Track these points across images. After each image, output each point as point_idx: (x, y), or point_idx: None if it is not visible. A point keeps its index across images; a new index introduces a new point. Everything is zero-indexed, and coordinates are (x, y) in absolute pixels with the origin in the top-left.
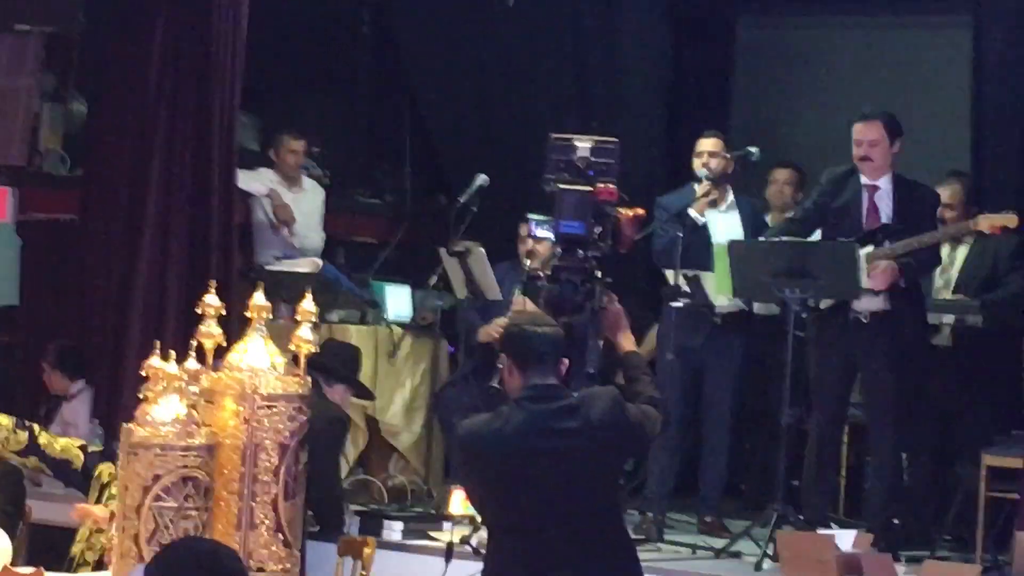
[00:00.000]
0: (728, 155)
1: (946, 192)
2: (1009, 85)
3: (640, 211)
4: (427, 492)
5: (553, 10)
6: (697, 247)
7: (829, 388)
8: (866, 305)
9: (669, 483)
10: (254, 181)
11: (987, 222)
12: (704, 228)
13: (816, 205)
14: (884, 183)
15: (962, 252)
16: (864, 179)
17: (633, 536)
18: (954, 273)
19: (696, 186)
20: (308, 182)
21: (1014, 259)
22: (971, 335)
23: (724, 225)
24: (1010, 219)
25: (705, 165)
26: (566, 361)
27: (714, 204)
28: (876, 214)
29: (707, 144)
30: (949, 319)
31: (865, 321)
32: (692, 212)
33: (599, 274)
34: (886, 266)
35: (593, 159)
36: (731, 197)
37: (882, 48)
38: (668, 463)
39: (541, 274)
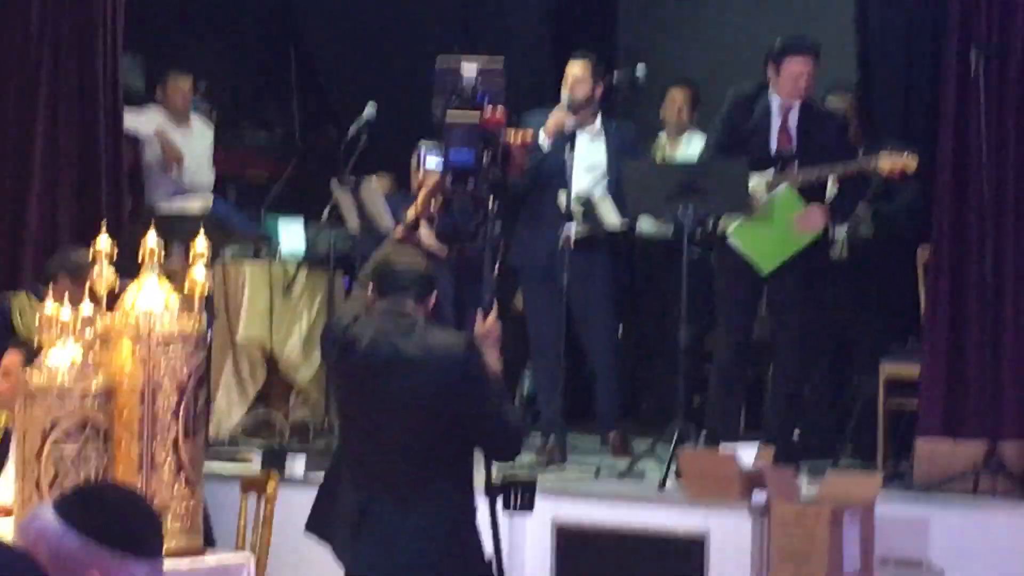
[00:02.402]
0: (596, 79)
1: (840, 105)
2: None
3: (529, 134)
4: (328, 426)
5: None
6: (550, 171)
7: (738, 310)
8: None
9: (557, 403)
10: (141, 120)
11: (888, 163)
12: (550, 154)
13: (728, 130)
14: (795, 106)
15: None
16: (776, 101)
17: (536, 458)
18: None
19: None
20: (196, 120)
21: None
22: (865, 246)
23: (588, 152)
24: (909, 164)
25: (570, 90)
26: (432, 299)
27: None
28: (787, 136)
29: (573, 68)
30: (842, 232)
31: None
32: (541, 136)
33: (491, 201)
34: (818, 211)
35: (480, 81)
36: (598, 124)
37: None
38: (551, 384)
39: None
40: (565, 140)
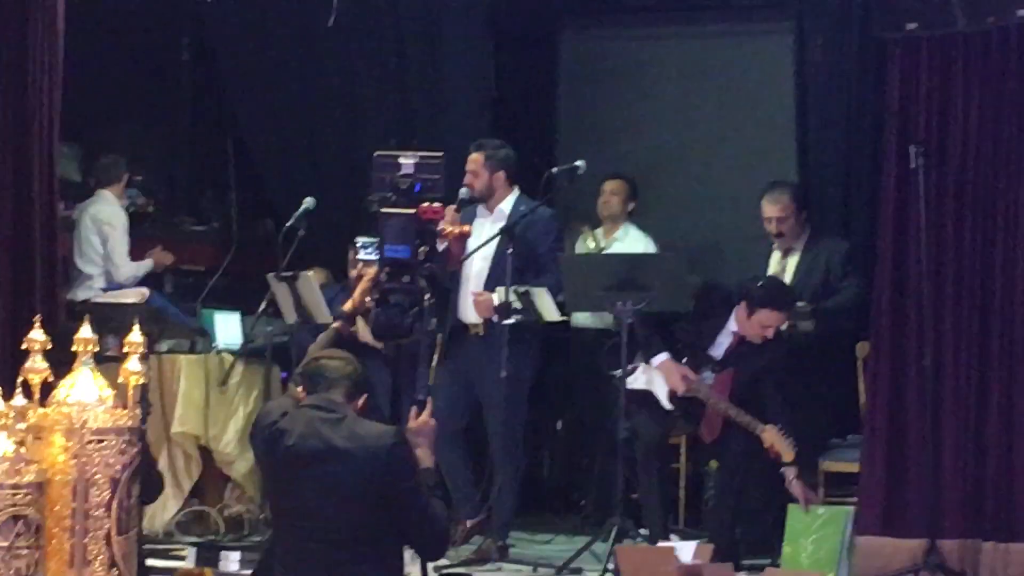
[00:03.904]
0: (492, 169)
1: (777, 205)
2: (831, 91)
3: (467, 228)
4: (264, 521)
5: (374, 29)
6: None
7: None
8: None
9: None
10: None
11: (770, 438)
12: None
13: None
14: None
15: (793, 260)
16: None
17: (472, 557)
18: (787, 281)
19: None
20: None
21: (845, 265)
22: (805, 341)
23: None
24: (785, 454)
25: (468, 184)
26: (361, 398)
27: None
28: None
29: (470, 160)
30: (783, 326)
31: None
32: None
33: (427, 297)
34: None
35: (418, 175)
36: (505, 209)
37: (706, 57)
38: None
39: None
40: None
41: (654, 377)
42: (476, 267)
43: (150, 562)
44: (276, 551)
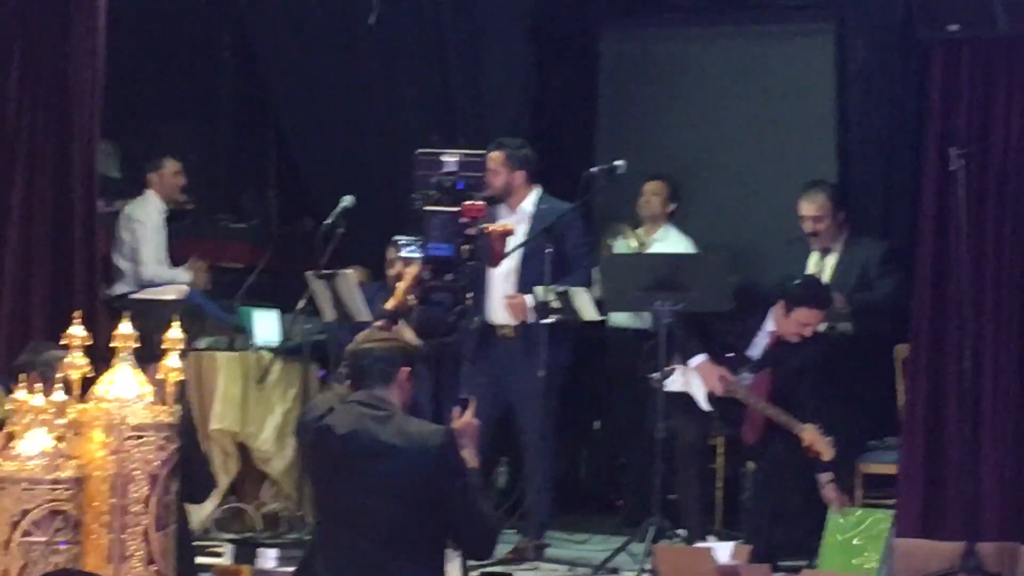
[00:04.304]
0: (512, 167)
1: (813, 205)
2: (872, 92)
3: (510, 226)
4: (301, 518)
5: (416, 29)
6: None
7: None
8: None
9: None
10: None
11: (809, 437)
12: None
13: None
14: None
15: (831, 260)
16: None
17: (509, 556)
18: (825, 281)
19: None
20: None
21: (883, 264)
22: (843, 343)
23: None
24: (824, 452)
25: (487, 183)
26: (405, 369)
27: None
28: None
29: (489, 159)
30: (821, 327)
31: None
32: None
33: (469, 296)
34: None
35: (461, 173)
36: (529, 208)
37: (746, 58)
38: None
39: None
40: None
41: (692, 379)
42: (503, 267)
43: None
44: (319, 548)
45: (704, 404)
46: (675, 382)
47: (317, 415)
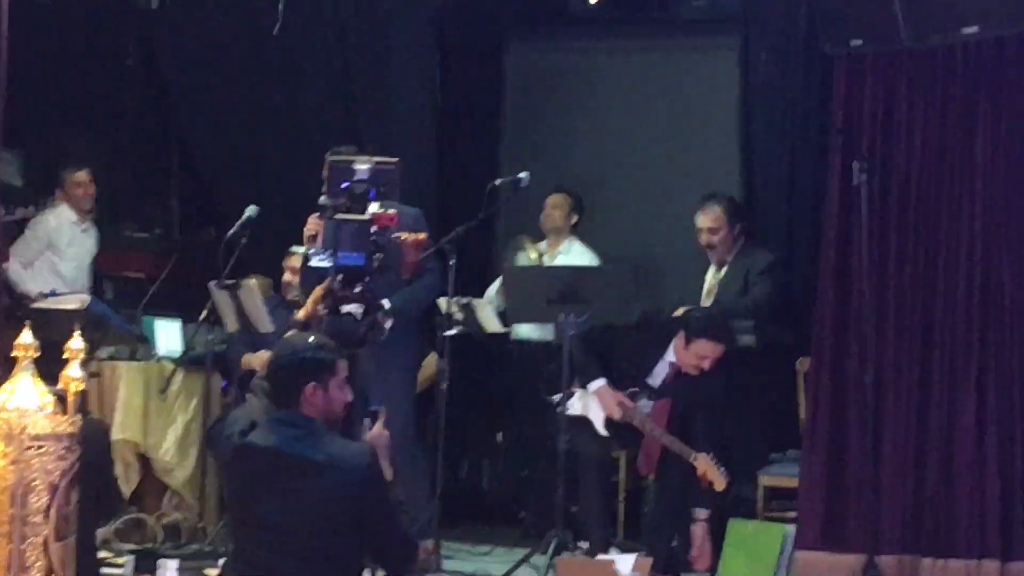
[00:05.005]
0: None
1: (708, 217)
2: (776, 107)
3: (422, 236)
4: (202, 529)
5: (320, 37)
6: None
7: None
8: None
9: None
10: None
11: (703, 466)
12: None
13: None
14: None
15: (722, 273)
16: (669, 359)
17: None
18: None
19: None
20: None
21: (761, 274)
22: (743, 356)
23: None
24: (718, 482)
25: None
26: (311, 385)
27: None
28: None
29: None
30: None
31: None
32: None
33: (384, 305)
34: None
35: (372, 181)
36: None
37: (651, 71)
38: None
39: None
40: None
41: (590, 403)
42: None
43: None
44: (236, 563)
45: (602, 429)
46: (574, 405)
47: (239, 429)
